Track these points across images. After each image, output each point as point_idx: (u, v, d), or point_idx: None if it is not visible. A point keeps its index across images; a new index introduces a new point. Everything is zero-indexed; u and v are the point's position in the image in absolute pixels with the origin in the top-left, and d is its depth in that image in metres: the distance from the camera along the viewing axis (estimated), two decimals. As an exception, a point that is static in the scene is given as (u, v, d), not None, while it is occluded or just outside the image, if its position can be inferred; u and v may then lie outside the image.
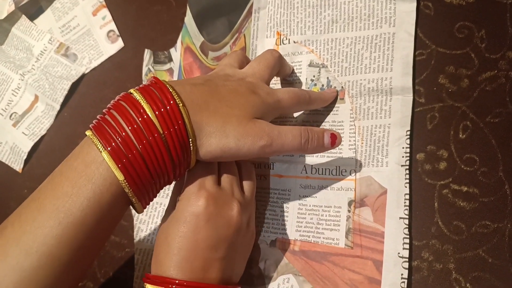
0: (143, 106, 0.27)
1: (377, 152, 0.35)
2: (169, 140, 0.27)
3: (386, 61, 0.36)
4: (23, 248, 0.26)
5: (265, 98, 0.32)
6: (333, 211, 0.35)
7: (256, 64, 0.35)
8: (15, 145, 0.50)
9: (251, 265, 0.37)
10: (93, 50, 0.50)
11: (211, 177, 0.31)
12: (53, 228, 0.26)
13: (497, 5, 0.35)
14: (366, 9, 0.38)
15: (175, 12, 0.47)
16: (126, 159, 0.26)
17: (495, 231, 0.32)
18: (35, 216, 0.26)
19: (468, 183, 0.33)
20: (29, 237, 0.26)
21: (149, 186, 0.28)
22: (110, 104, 0.28)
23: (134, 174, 0.27)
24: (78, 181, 0.26)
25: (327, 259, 0.34)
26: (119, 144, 0.26)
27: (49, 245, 0.26)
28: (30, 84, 0.51)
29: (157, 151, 0.27)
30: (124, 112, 0.27)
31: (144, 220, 0.42)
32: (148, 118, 0.27)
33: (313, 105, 0.36)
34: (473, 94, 0.34)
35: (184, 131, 0.28)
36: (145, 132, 0.26)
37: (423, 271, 0.33)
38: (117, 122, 0.27)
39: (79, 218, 0.26)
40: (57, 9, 0.52)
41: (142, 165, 0.27)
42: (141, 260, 0.41)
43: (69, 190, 0.26)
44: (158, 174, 0.28)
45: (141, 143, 0.26)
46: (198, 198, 0.29)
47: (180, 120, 0.27)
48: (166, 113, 0.27)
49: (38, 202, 0.27)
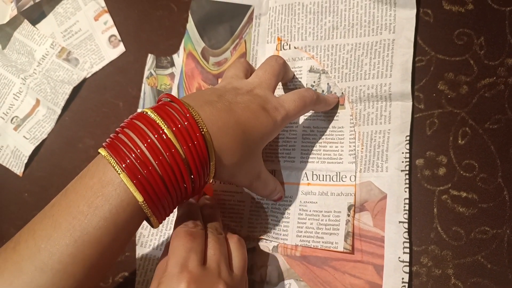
0: (158, 124, 0.27)
1: (377, 157, 0.35)
2: (188, 155, 0.27)
3: (385, 67, 0.36)
4: (38, 265, 0.26)
5: (274, 115, 0.32)
6: (333, 216, 0.35)
7: (262, 72, 0.34)
8: (16, 149, 0.51)
9: (253, 271, 0.37)
10: (95, 55, 0.51)
11: (196, 255, 0.28)
12: (69, 246, 0.26)
13: (496, 12, 0.35)
14: (366, 16, 0.38)
15: (177, 17, 0.48)
16: (141, 175, 0.26)
17: (494, 237, 0.32)
18: (50, 234, 0.26)
19: (467, 189, 0.33)
20: (45, 254, 0.26)
21: (165, 202, 0.28)
22: (123, 123, 0.28)
23: (151, 191, 0.26)
24: (95, 201, 0.26)
25: (328, 264, 0.34)
26: (133, 161, 0.26)
27: (64, 263, 0.26)
28: (31, 88, 0.51)
29: (175, 167, 0.27)
30: (139, 130, 0.27)
31: (146, 226, 0.42)
32: (164, 133, 0.26)
33: (318, 106, 0.36)
34: (472, 101, 0.35)
35: (204, 147, 0.27)
36: (162, 148, 0.26)
37: (422, 277, 0.33)
38: (131, 140, 0.26)
39: (95, 237, 0.26)
40: (59, 14, 0.53)
41: (159, 181, 0.26)
42: (142, 266, 0.41)
43: (85, 209, 0.26)
44: (176, 190, 0.28)
45: (157, 159, 0.26)
46: (179, 281, 0.27)
47: (198, 133, 0.27)
48: (184, 129, 0.27)
49: (53, 219, 0.27)
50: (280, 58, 0.36)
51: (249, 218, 0.38)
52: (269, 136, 0.33)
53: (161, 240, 0.41)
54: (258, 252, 0.37)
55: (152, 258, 0.41)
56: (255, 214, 0.38)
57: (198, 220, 0.31)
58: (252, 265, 0.37)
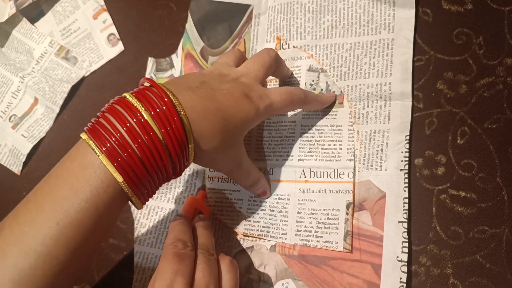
0: (137, 108, 0.27)
1: (376, 156, 0.35)
2: (167, 138, 0.27)
3: (385, 66, 0.36)
4: (22, 249, 0.26)
5: (257, 102, 0.32)
6: (332, 214, 0.35)
7: (252, 63, 0.35)
8: (14, 148, 0.50)
9: (250, 270, 0.37)
10: (94, 53, 0.51)
11: (183, 277, 0.28)
12: (51, 229, 0.26)
13: (495, 12, 0.35)
14: (365, 15, 0.38)
15: (176, 16, 0.48)
16: (121, 158, 0.26)
17: (493, 237, 0.32)
18: (33, 217, 0.27)
19: (466, 189, 0.33)
20: (28, 238, 0.26)
21: (146, 183, 0.28)
22: (104, 108, 0.29)
23: (131, 172, 0.27)
24: (76, 183, 0.27)
25: (326, 263, 0.34)
26: (113, 144, 0.26)
27: (47, 245, 0.26)
28: (30, 86, 0.51)
29: (154, 150, 0.27)
30: (118, 114, 0.27)
31: (145, 224, 0.42)
32: (142, 117, 0.27)
33: (308, 106, 0.37)
34: (471, 100, 0.35)
35: (182, 130, 0.28)
36: (140, 132, 0.27)
37: (420, 276, 0.33)
38: (111, 124, 0.27)
39: (77, 219, 0.27)
40: (58, 13, 0.53)
41: (138, 163, 0.27)
42: (140, 264, 0.41)
43: (66, 192, 0.27)
44: (156, 172, 0.28)
45: (136, 142, 0.27)
46: None
47: (175, 117, 0.27)
48: (162, 112, 0.27)
49: (36, 203, 0.27)
50: (273, 51, 0.36)
51: (246, 217, 0.38)
52: (251, 123, 0.33)
53: (159, 238, 0.41)
54: (256, 251, 0.37)
55: (150, 256, 0.41)
56: (253, 212, 0.38)
57: (189, 241, 0.31)
58: (250, 264, 0.37)
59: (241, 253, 0.37)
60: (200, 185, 0.41)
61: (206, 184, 0.41)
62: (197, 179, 0.42)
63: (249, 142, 0.40)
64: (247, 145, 0.40)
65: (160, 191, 0.42)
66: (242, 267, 0.37)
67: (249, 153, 0.40)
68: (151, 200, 0.42)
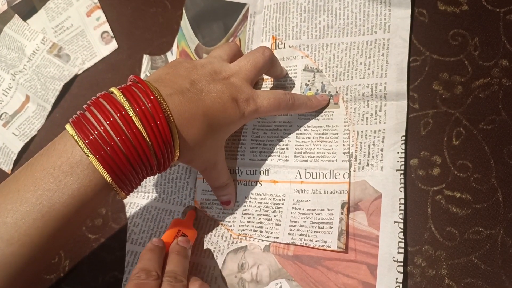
0: (122, 104, 0.28)
1: (372, 156, 0.35)
2: (151, 135, 0.28)
3: (380, 66, 0.36)
4: (4, 238, 0.27)
5: (243, 107, 0.33)
6: (326, 214, 0.35)
7: (244, 62, 0.35)
8: (4, 146, 0.50)
9: (243, 270, 0.36)
10: (87, 51, 0.50)
11: None
12: (36, 221, 0.27)
13: (491, 13, 0.36)
14: (361, 15, 0.38)
15: (171, 14, 0.47)
16: (104, 151, 0.27)
17: (488, 238, 0.32)
18: (17, 208, 0.27)
19: (461, 189, 0.33)
20: (11, 227, 0.27)
21: (131, 177, 0.29)
22: (90, 101, 0.29)
23: (117, 169, 0.27)
24: (64, 180, 0.27)
25: (321, 264, 0.34)
26: (96, 137, 0.27)
27: (31, 236, 0.27)
28: (21, 84, 0.50)
29: (138, 145, 0.27)
30: (103, 108, 0.28)
31: (138, 223, 0.41)
32: (127, 114, 0.27)
33: (297, 110, 0.37)
34: (466, 101, 0.35)
35: (167, 128, 0.28)
36: (124, 127, 0.27)
37: (416, 277, 0.33)
38: (96, 117, 0.27)
39: (63, 213, 0.27)
40: (50, 9, 0.52)
41: (122, 157, 0.27)
42: (131, 263, 0.40)
43: (52, 187, 0.27)
44: (140, 166, 0.29)
45: (120, 136, 0.27)
46: None
47: (161, 114, 0.28)
48: (147, 110, 0.28)
49: (19, 194, 0.27)
50: (268, 50, 0.36)
51: (241, 217, 0.38)
52: (234, 127, 0.34)
53: (151, 238, 0.40)
54: (249, 251, 0.36)
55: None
56: (247, 213, 0.38)
57: (155, 270, 0.31)
58: (243, 264, 0.36)
59: (235, 252, 0.37)
60: (192, 185, 0.41)
61: (199, 185, 0.40)
62: (189, 178, 0.41)
63: (244, 142, 0.40)
64: (242, 145, 0.40)
65: (154, 190, 0.42)
66: (235, 267, 0.36)
67: (245, 153, 0.39)
68: (145, 199, 0.42)
